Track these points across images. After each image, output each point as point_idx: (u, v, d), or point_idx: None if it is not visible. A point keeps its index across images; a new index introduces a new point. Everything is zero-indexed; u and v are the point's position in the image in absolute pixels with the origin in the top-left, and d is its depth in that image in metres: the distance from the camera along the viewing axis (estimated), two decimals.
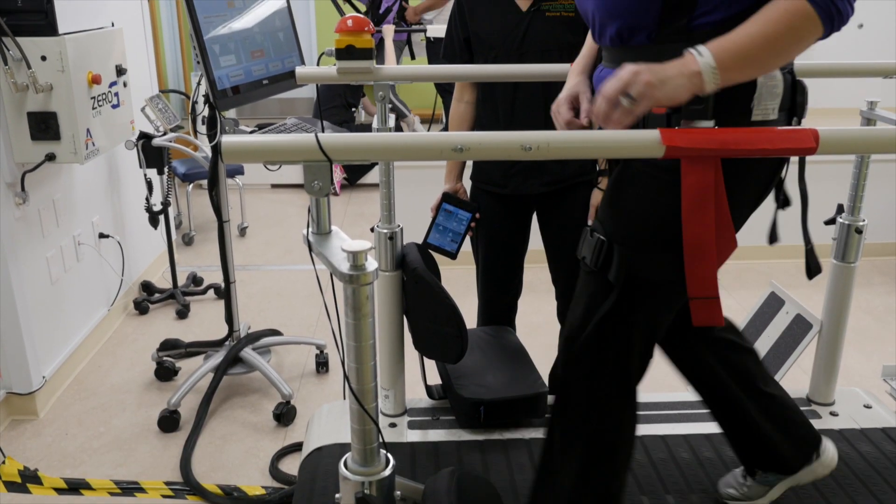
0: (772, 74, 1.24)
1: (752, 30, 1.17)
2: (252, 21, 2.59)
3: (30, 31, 2.46)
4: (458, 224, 2.14)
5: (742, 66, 1.18)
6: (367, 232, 4.59)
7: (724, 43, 1.17)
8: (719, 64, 1.16)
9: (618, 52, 1.35)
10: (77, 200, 3.05)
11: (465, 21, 2.13)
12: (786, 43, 1.18)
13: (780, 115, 1.28)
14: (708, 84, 1.17)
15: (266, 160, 1.06)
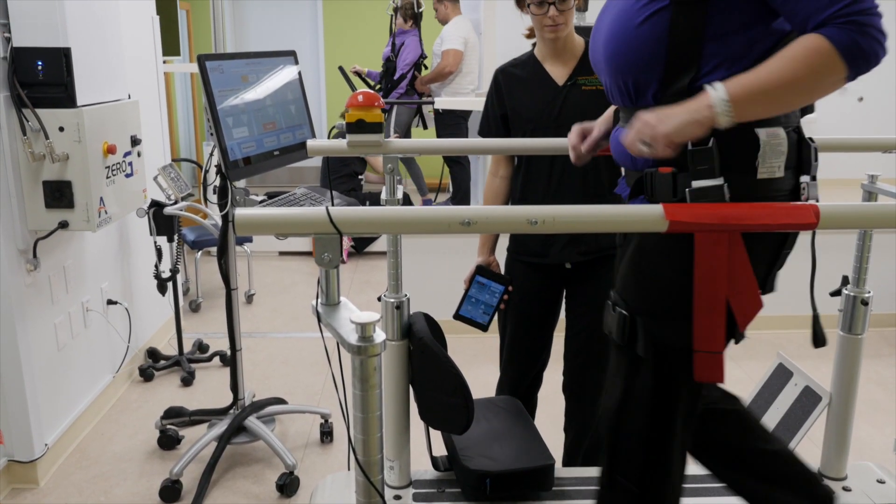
0: (774, 132, 1.25)
1: (771, 66, 1.18)
2: (264, 93, 2.67)
3: (50, 103, 2.54)
4: (490, 296, 2.18)
5: (758, 102, 1.19)
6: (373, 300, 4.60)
7: (741, 78, 1.19)
8: (732, 98, 1.17)
9: (628, 112, 1.38)
10: (87, 267, 3.09)
11: (501, 98, 2.22)
12: (804, 81, 1.17)
13: (786, 173, 1.29)
14: (721, 117, 1.18)
15: (277, 232, 1.09)
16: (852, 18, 1.14)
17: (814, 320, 1.43)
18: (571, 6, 2.07)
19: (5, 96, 2.49)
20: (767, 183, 1.27)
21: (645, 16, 1.27)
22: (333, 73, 7.17)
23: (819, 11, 1.16)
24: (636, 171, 1.36)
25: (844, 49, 1.15)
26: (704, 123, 1.19)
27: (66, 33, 2.50)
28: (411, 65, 5.79)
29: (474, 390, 1.82)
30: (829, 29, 1.15)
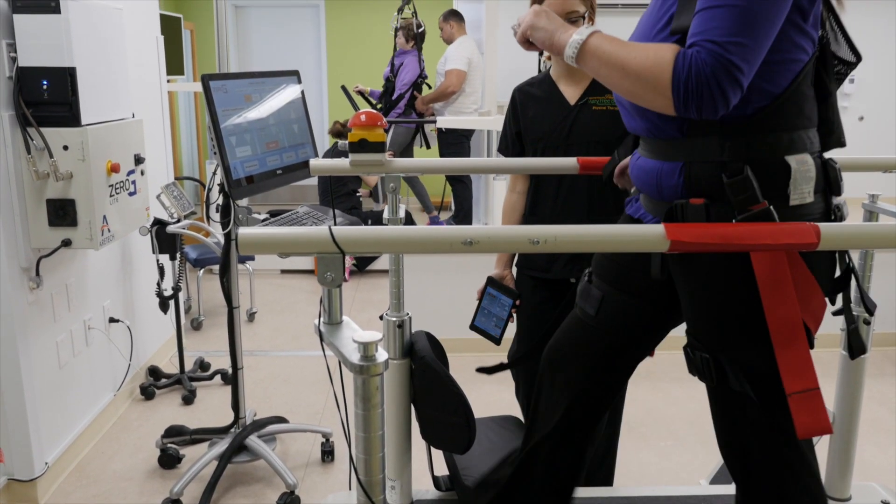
0: (803, 159, 1.26)
1: (630, 46, 1.25)
2: (267, 112, 2.68)
3: (54, 122, 2.55)
4: (500, 309, 2.24)
5: (594, 60, 1.27)
6: (375, 318, 4.60)
7: (604, 39, 1.27)
8: (585, 46, 1.27)
9: (652, 143, 1.38)
10: (89, 285, 3.09)
11: (517, 116, 2.28)
12: (634, 73, 1.21)
13: (816, 197, 1.29)
14: (567, 48, 1.29)
15: (280, 252, 1.09)
16: (705, 55, 1.14)
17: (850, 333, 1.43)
18: (580, 27, 2.10)
19: (10, 115, 2.50)
20: (800, 208, 1.27)
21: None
22: (336, 92, 7.22)
23: (694, 35, 1.18)
24: (663, 201, 1.36)
25: (678, 70, 1.16)
26: (555, 43, 1.32)
27: (72, 53, 2.52)
28: (409, 84, 5.82)
29: (476, 409, 1.82)
30: (687, 49, 1.17)
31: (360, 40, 7.98)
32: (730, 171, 1.25)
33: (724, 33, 1.14)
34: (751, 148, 1.26)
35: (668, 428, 3.26)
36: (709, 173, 1.28)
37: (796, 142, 1.28)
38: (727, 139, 1.26)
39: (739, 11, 1.14)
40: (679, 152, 1.32)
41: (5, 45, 2.48)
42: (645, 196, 1.45)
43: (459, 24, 5.98)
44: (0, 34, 2.47)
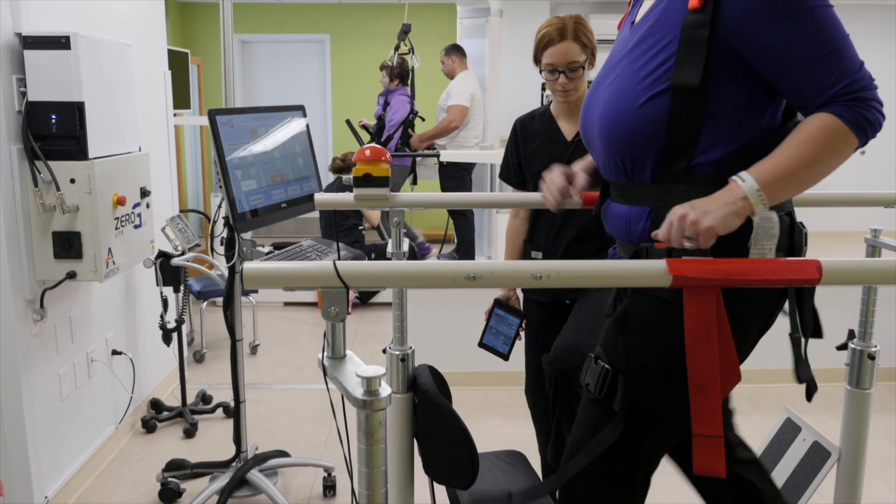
0: (767, 216, 1.28)
1: (790, 150, 1.24)
2: (273, 146, 2.71)
3: (62, 156, 2.58)
4: (508, 328, 2.38)
5: (785, 186, 1.24)
6: (378, 352, 4.59)
7: (765, 165, 1.24)
8: (763, 186, 1.22)
9: (622, 188, 1.41)
10: (93, 317, 3.09)
11: (518, 147, 2.41)
12: (823, 159, 1.24)
13: (777, 255, 1.31)
14: (756, 206, 1.23)
15: (285, 286, 1.10)
16: (856, 96, 1.23)
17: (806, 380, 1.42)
18: (581, 74, 2.20)
19: (18, 149, 2.53)
20: None
21: (644, 99, 1.31)
22: (340, 126, 7.29)
23: (825, 90, 1.23)
24: (632, 244, 1.40)
25: (854, 124, 1.22)
26: (742, 214, 1.24)
27: (81, 88, 2.56)
28: (398, 124, 5.84)
29: (479, 444, 1.81)
30: (836, 107, 1.23)
31: (365, 75, 8.07)
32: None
33: (845, 75, 1.23)
34: None
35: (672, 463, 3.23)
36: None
37: None
38: (693, 187, 1.30)
39: (838, 53, 1.23)
40: (648, 198, 1.35)
41: (15, 80, 2.52)
42: (619, 242, 1.49)
43: (461, 58, 6.05)
44: (11, 69, 2.50)
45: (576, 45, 2.19)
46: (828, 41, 1.22)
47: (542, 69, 2.26)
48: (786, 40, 1.22)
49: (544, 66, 2.25)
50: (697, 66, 1.26)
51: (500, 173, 2.50)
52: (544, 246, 2.38)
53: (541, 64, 2.26)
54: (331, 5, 8.02)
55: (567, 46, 2.19)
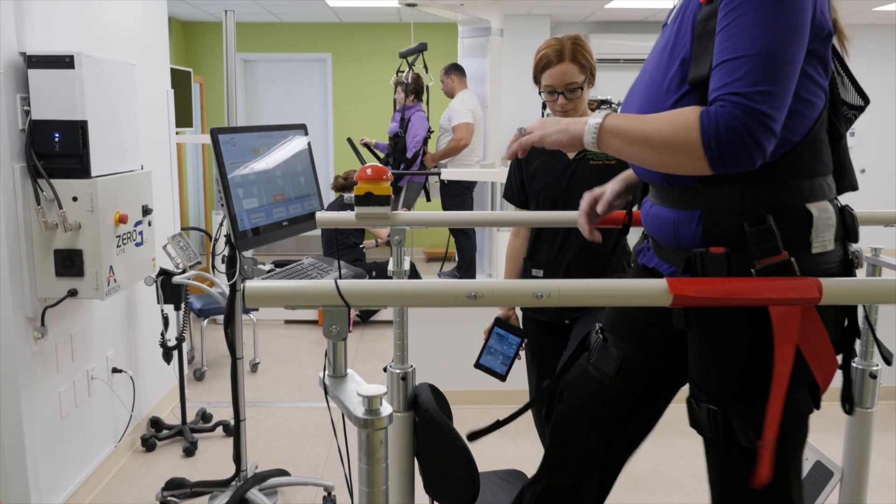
0: (824, 207, 1.26)
1: (648, 118, 1.23)
2: (274, 164, 2.72)
3: (64, 174, 2.59)
4: (508, 348, 2.34)
5: (617, 140, 1.25)
6: (378, 370, 4.58)
7: (621, 116, 1.26)
8: (604, 127, 1.25)
9: (666, 191, 1.37)
10: (94, 335, 3.09)
11: (521, 167, 2.42)
12: (661, 143, 1.19)
13: (836, 245, 1.29)
14: (586, 135, 1.27)
15: (287, 304, 1.10)
16: (733, 108, 1.12)
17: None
18: (580, 95, 2.23)
19: (21, 167, 2.54)
20: (821, 256, 1.27)
21: (673, 100, 1.29)
22: (342, 144, 7.32)
23: (715, 89, 1.17)
24: (681, 250, 1.34)
25: (706, 129, 1.14)
26: (573, 137, 1.29)
27: (84, 107, 2.57)
28: (422, 141, 5.87)
29: (480, 463, 1.80)
30: (711, 107, 1.16)
31: (366, 93, 8.11)
32: (751, 219, 1.24)
33: (748, 83, 1.12)
34: (772, 196, 1.25)
35: (675, 483, 3.22)
36: (729, 222, 1.26)
37: (816, 189, 1.28)
38: (747, 187, 1.25)
39: (759, 60, 1.13)
40: (697, 201, 1.30)
41: (19, 98, 2.54)
42: (658, 245, 1.44)
43: (460, 78, 6.09)
44: (15, 88, 2.52)
45: (574, 66, 2.21)
46: (751, 46, 1.13)
47: (542, 90, 2.28)
48: (726, 28, 1.17)
49: (543, 87, 2.27)
50: (708, 57, 1.21)
51: (503, 193, 2.52)
52: (546, 264, 2.38)
53: (540, 85, 2.28)
54: (332, 24, 8.08)
55: (565, 68, 2.21)
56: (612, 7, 6.69)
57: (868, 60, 7.79)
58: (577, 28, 7.88)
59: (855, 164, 4.27)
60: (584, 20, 7.66)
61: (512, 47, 7.19)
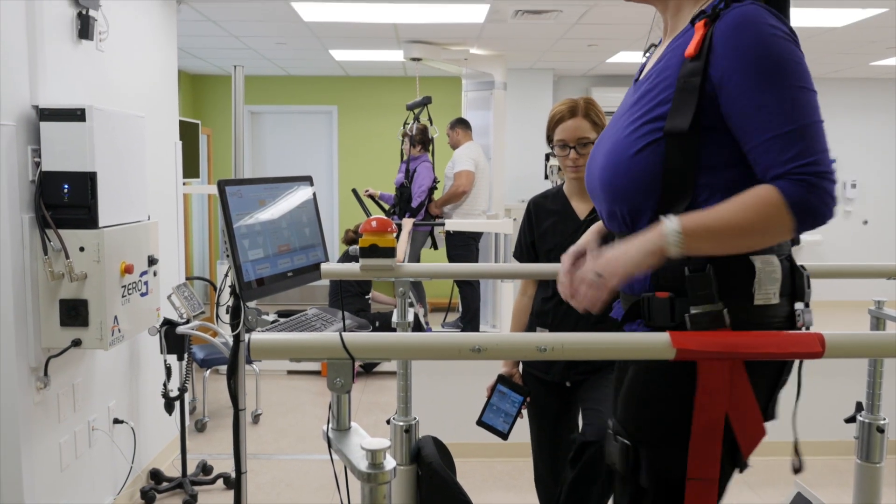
0: (768, 260, 1.29)
1: (724, 208, 1.24)
2: (280, 214, 2.74)
3: (72, 224, 2.62)
4: (510, 406, 2.32)
5: (706, 239, 1.24)
6: (381, 422, 4.54)
7: (696, 214, 1.25)
8: (684, 230, 1.22)
9: (624, 238, 1.39)
10: (96, 385, 3.08)
11: (532, 226, 2.44)
12: (752, 228, 1.23)
13: (781, 300, 1.31)
14: (671, 247, 1.23)
15: (292, 357, 1.11)
16: (806, 178, 1.20)
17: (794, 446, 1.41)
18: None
19: (30, 217, 2.57)
20: (764, 309, 1.29)
21: (639, 147, 1.33)
22: (347, 195, 7.38)
23: (778, 165, 1.22)
24: (633, 295, 1.39)
25: (794, 204, 1.21)
26: (656, 253, 1.25)
27: (94, 159, 2.61)
28: (427, 191, 5.94)
29: None
30: (784, 182, 1.22)
31: (371, 145, 8.21)
32: (692, 265, 1.28)
33: (809, 154, 1.21)
34: None
35: None
36: (674, 268, 1.30)
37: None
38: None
39: (806, 130, 1.22)
40: None
41: (30, 150, 2.58)
42: (622, 294, 1.48)
43: (465, 131, 6.20)
44: (27, 140, 2.57)
45: (586, 122, 2.27)
46: (796, 118, 1.22)
47: (554, 145, 2.33)
48: (756, 107, 1.23)
49: (556, 142, 2.31)
50: (688, 111, 1.27)
51: (513, 252, 2.53)
52: (552, 324, 2.37)
53: (553, 141, 2.33)
54: (338, 78, 8.22)
55: (578, 123, 2.27)
56: (612, 61, 6.81)
57: (866, 113, 7.89)
58: (579, 82, 8.00)
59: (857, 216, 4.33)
60: (585, 74, 7.80)
61: (515, 100, 7.31)
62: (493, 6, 4.66)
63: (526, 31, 5.46)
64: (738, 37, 1.25)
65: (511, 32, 5.53)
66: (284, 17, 5.11)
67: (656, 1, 1.44)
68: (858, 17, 4.91)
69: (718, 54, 1.26)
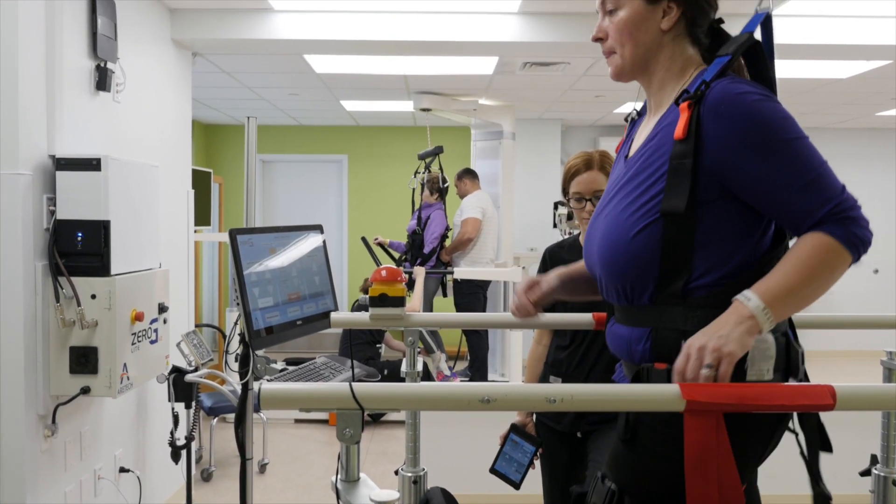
0: (763, 338, 1.30)
1: (790, 268, 1.27)
2: (290, 262, 2.76)
3: (85, 272, 2.64)
4: (522, 455, 2.32)
5: (788, 304, 1.27)
6: (390, 472, 4.49)
7: (767, 284, 1.27)
8: (768, 304, 1.24)
9: (624, 310, 1.44)
10: (103, 433, 3.07)
11: (547, 272, 2.37)
12: (821, 275, 1.27)
13: (775, 376, 1.32)
14: (764, 324, 1.25)
15: (301, 407, 1.11)
16: (843, 215, 1.28)
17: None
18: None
19: (43, 265, 2.60)
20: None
21: (638, 229, 1.36)
22: (356, 243, 7.42)
23: (814, 213, 1.28)
24: (634, 364, 1.41)
25: (847, 241, 1.27)
26: (753, 332, 1.25)
27: (108, 207, 2.65)
28: (440, 237, 5.98)
29: None
30: (827, 226, 1.27)
31: (381, 194, 8.29)
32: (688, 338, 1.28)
33: (832, 195, 1.28)
34: (710, 320, 1.29)
35: None
36: (672, 340, 1.33)
37: None
38: (692, 310, 1.33)
39: (823, 175, 1.29)
40: (648, 319, 1.38)
41: (46, 199, 2.62)
42: (623, 361, 1.50)
43: (473, 181, 6.28)
44: (42, 189, 2.61)
45: (601, 174, 2.29)
46: (809, 169, 1.28)
47: (570, 198, 2.35)
48: (768, 171, 1.28)
49: (572, 194, 2.33)
50: (683, 193, 1.31)
51: None
52: (565, 373, 2.36)
53: (569, 193, 2.35)
54: (349, 128, 8.34)
55: (593, 176, 2.29)
56: (620, 112, 6.89)
57: (873, 163, 7.92)
58: (587, 132, 8.09)
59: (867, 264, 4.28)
60: (593, 124, 7.88)
61: (524, 150, 7.39)
62: (501, 59, 4.75)
63: (534, 82, 5.55)
64: (725, 116, 1.30)
65: (519, 84, 5.61)
66: (297, 69, 5.22)
67: (640, 77, 1.48)
68: (862, 69, 4.97)
69: (710, 136, 1.31)
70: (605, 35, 1.47)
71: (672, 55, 1.43)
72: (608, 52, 1.47)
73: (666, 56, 1.43)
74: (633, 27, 1.42)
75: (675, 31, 1.42)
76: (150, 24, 3.53)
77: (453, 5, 3.83)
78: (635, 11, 1.41)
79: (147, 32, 3.50)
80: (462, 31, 3.91)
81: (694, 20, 1.42)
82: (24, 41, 2.52)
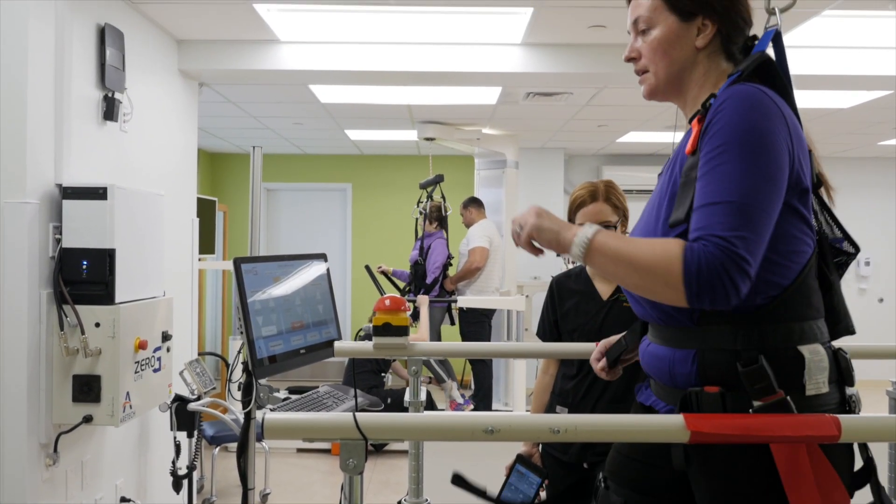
0: (816, 349, 1.28)
1: (635, 241, 1.29)
2: (293, 291, 2.76)
3: (89, 300, 2.65)
4: (528, 487, 2.28)
5: (602, 258, 1.28)
6: (392, 503, 4.45)
7: (612, 235, 1.30)
8: (592, 244, 1.27)
9: (662, 330, 1.40)
10: (105, 462, 3.06)
11: (554, 305, 2.43)
12: (641, 269, 1.25)
13: (831, 388, 1.29)
14: (574, 248, 1.29)
15: (305, 437, 1.11)
16: (717, 248, 1.19)
17: None
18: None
19: (48, 293, 2.60)
20: (816, 399, 1.27)
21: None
22: (360, 272, 7.42)
23: (700, 229, 1.23)
24: (677, 388, 1.35)
25: (689, 264, 1.20)
26: (561, 243, 1.32)
27: (114, 236, 2.66)
28: (441, 267, 5.98)
29: None
30: (695, 243, 1.22)
31: (385, 222, 8.31)
32: (744, 359, 1.25)
33: (727, 227, 1.20)
34: (764, 337, 1.27)
35: None
36: (722, 361, 1.28)
37: (807, 332, 1.30)
38: (739, 328, 1.28)
39: (737, 207, 1.21)
40: (691, 340, 1.33)
41: (52, 227, 2.63)
42: (656, 383, 1.45)
43: (478, 209, 6.30)
44: (49, 218, 2.62)
45: (607, 206, 2.28)
46: (731, 193, 1.21)
47: None
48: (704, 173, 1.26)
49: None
50: (687, 203, 1.29)
51: (536, 331, 2.52)
52: (571, 403, 2.34)
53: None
54: (353, 156, 8.39)
55: (599, 207, 2.28)
56: (622, 141, 6.93)
57: (876, 192, 7.93)
58: (591, 161, 8.12)
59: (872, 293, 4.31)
60: (596, 153, 7.92)
61: (527, 178, 7.41)
62: (505, 89, 4.79)
63: (537, 111, 5.59)
64: (719, 111, 1.28)
65: (523, 113, 5.66)
66: (302, 99, 5.26)
67: (673, 95, 1.47)
68: (864, 99, 5.00)
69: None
70: (637, 55, 1.45)
71: (706, 71, 1.41)
72: (641, 72, 1.46)
73: (700, 73, 1.41)
74: (668, 45, 1.40)
75: (709, 48, 1.40)
76: (157, 54, 3.58)
77: (457, 36, 3.87)
78: (670, 30, 1.40)
79: (155, 63, 3.54)
80: (466, 61, 3.95)
81: (729, 37, 1.40)
82: (34, 71, 2.55)
